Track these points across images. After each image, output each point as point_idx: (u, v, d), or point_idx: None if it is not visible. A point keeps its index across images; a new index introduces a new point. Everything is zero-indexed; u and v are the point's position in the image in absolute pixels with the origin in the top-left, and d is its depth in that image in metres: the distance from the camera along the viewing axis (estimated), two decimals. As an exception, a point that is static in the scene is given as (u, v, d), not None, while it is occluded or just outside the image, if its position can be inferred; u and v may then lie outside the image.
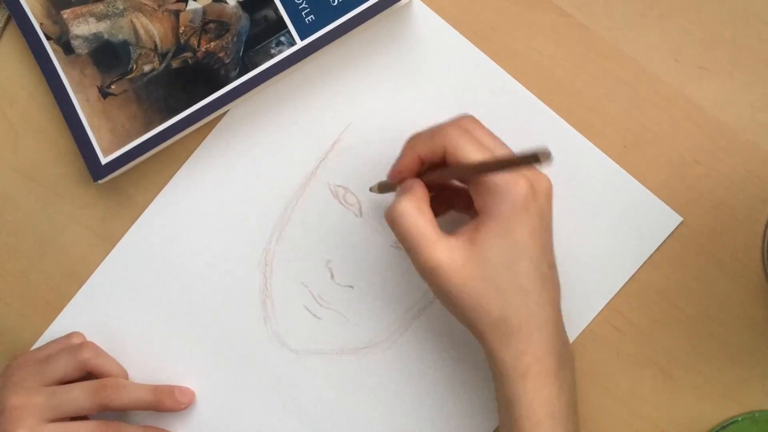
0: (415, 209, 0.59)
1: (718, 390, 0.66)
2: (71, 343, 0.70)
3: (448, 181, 0.62)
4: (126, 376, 0.70)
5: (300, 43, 0.67)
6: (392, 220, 0.59)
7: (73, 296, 0.72)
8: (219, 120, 0.70)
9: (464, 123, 0.61)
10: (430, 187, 0.61)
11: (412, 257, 0.59)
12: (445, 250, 0.58)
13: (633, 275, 0.67)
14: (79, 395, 0.66)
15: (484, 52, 0.68)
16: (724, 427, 0.64)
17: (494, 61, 0.68)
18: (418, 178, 0.61)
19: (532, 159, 0.51)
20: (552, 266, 0.60)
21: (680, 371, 0.66)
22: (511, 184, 0.57)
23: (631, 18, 0.67)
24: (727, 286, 0.66)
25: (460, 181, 0.62)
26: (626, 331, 0.67)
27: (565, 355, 0.60)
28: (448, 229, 0.60)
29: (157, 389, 0.69)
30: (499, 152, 0.60)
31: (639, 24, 0.67)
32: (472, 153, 0.58)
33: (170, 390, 0.69)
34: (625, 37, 0.67)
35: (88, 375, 0.69)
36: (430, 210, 0.59)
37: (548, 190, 0.60)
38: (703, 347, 0.66)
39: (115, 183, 0.71)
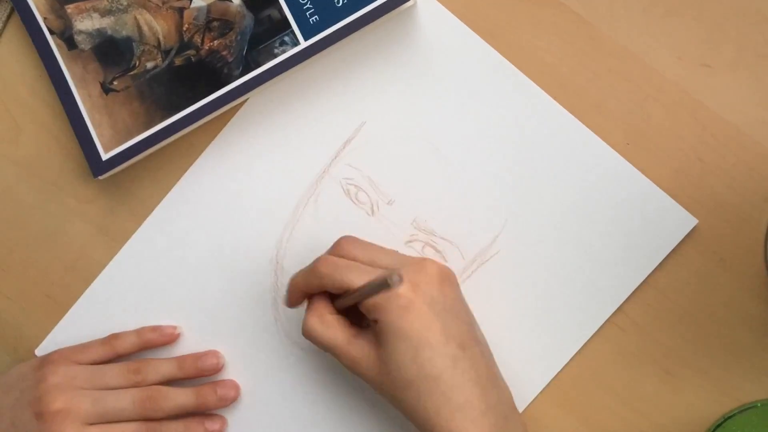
0: (320, 324, 0.63)
1: (720, 389, 0.66)
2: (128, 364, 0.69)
3: (342, 308, 0.64)
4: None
5: (304, 44, 0.67)
6: (307, 337, 0.63)
7: (74, 291, 0.72)
8: (229, 118, 0.70)
9: (339, 249, 0.64)
10: None
11: (339, 361, 0.63)
12: (358, 351, 0.62)
13: (636, 274, 0.67)
14: (125, 405, 0.66)
15: (488, 50, 0.69)
16: (742, 411, 0.64)
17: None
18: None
19: (384, 286, 0.56)
20: (464, 344, 0.61)
21: (683, 370, 0.66)
22: (389, 297, 0.60)
23: (635, 15, 0.67)
24: (730, 285, 0.66)
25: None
26: (629, 329, 0.67)
27: (500, 426, 0.60)
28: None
29: (198, 392, 0.68)
30: (381, 261, 0.63)
31: (643, 21, 0.67)
32: (347, 283, 0.61)
33: (212, 389, 0.69)
34: (628, 34, 0.67)
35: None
36: (334, 317, 0.63)
37: (436, 275, 0.62)
38: (705, 346, 0.66)
39: (117, 178, 0.71)
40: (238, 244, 0.71)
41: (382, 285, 0.56)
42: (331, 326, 0.62)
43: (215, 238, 0.71)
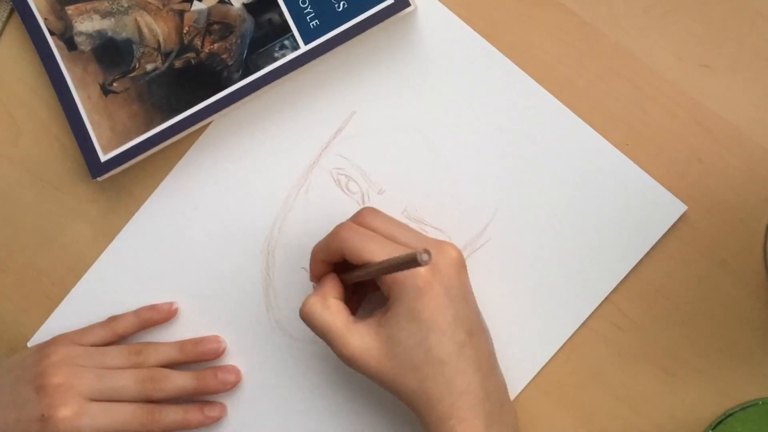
0: (321, 305, 0.62)
1: (719, 389, 0.66)
2: (130, 346, 0.70)
3: (355, 281, 0.64)
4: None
5: (304, 48, 0.67)
6: (304, 318, 0.62)
7: (72, 291, 0.72)
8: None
9: (360, 219, 0.63)
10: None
11: (331, 348, 0.62)
12: (356, 339, 0.61)
13: (635, 273, 0.67)
14: (126, 383, 0.67)
15: (487, 50, 0.68)
16: (744, 408, 0.64)
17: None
18: (332, 273, 0.65)
19: (412, 263, 0.53)
20: (471, 331, 0.61)
21: (682, 370, 0.66)
22: (407, 276, 0.60)
23: (635, 16, 0.67)
24: (729, 285, 0.66)
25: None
26: (627, 329, 0.67)
27: (496, 413, 0.61)
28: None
29: (199, 375, 0.69)
30: (401, 237, 0.62)
31: (642, 22, 0.67)
32: (367, 253, 0.60)
33: (212, 373, 0.69)
34: (628, 35, 0.67)
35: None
36: (337, 302, 0.63)
37: (455, 260, 0.62)
38: (704, 346, 0.66)
39: (116, 179, 0.71)
40: (229, 234, 0.71)
41: (411, 262, 0.54)
42: (331, 309, 0.62)
43: (207, 229, 0.71)
